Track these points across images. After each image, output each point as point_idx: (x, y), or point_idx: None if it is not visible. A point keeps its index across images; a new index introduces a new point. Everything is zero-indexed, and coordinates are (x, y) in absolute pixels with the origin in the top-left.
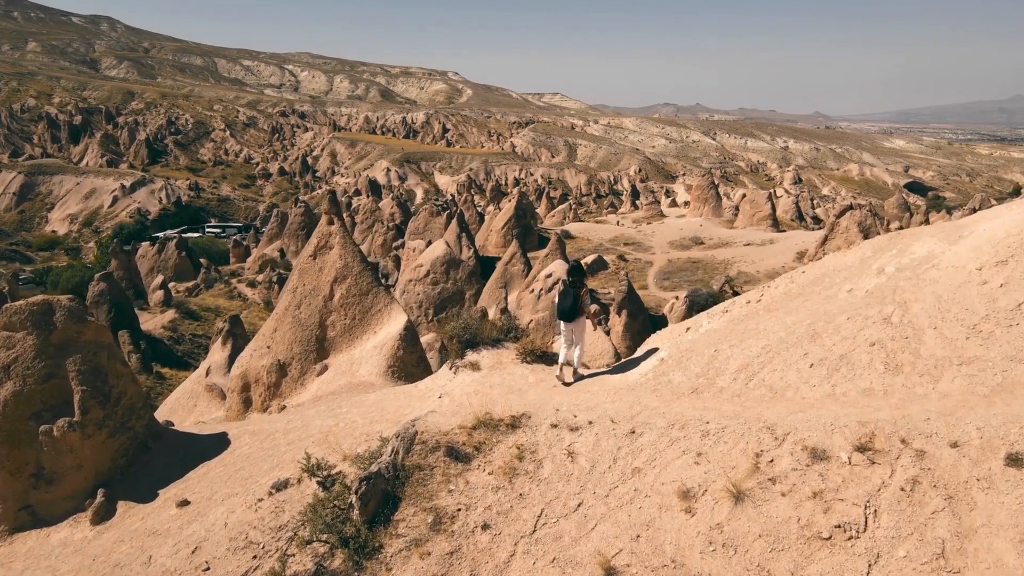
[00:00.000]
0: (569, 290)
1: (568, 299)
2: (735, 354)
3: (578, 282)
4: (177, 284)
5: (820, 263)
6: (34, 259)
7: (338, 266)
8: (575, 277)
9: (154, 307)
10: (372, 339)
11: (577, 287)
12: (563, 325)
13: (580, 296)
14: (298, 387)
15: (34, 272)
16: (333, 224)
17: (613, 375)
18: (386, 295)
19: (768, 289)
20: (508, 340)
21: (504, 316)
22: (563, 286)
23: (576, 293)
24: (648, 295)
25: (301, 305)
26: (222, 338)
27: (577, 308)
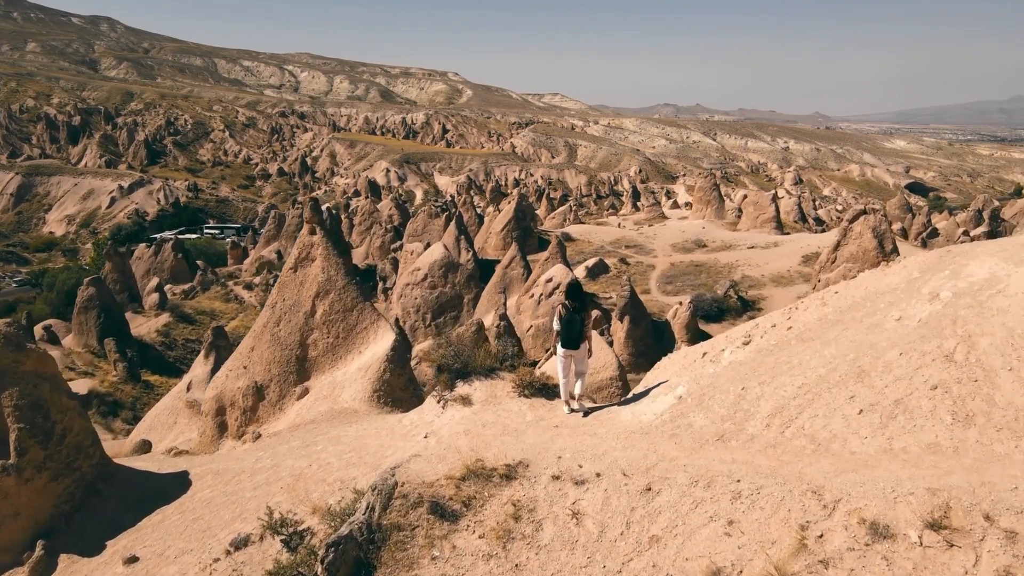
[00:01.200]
0: (574, 316)
1: (575, 327)
2: (767, 393)
3: (582, 306)
4: (173, 286)
5: (857, 283)
6: (31, 260)
7: (320, 280)
8: (578, 301)
9: (149, 310)
10: (357, 360)
11: (581, 311)
12: (562, 352)
13: (585, 322)
14: (276, 412)
15: (30, 274)
16: (315, 234)
17: (622, 412)
18: (372, 311)
19: (797, 312)
20: (504, 369)
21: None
22: (564, 311)
23: (582, 320)
24: (651, 300)
25: (281, 322)
26: (204, 351)
27: (583, 335)
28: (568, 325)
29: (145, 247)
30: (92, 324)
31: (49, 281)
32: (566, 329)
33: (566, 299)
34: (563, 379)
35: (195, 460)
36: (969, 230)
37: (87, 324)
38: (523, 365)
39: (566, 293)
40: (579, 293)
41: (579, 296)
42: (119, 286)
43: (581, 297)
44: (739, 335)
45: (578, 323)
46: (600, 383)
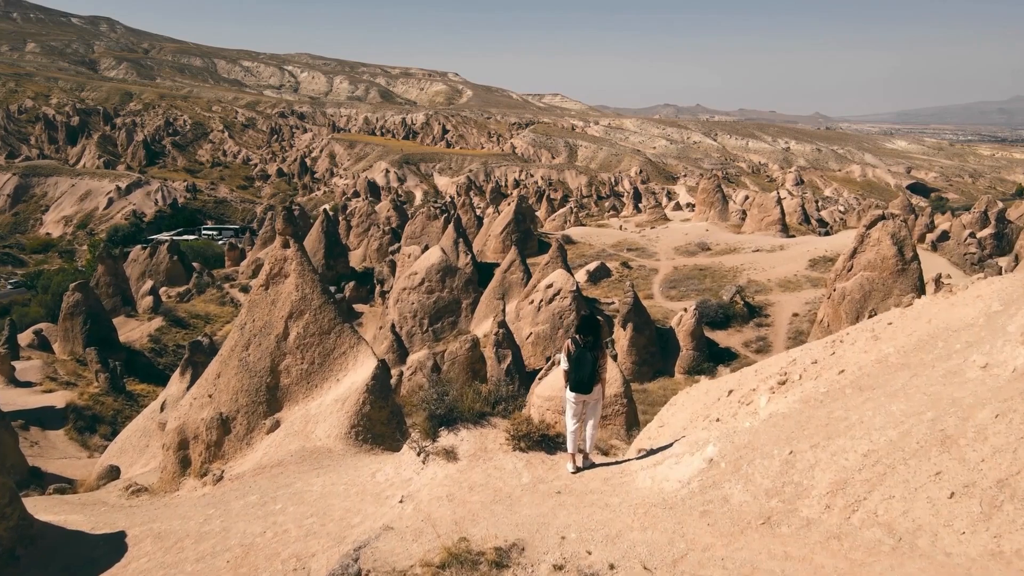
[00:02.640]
0: (586, 355)
1: (586, 367)
2: (822, 461)
3: (595, 343)
4: (169, 289)
5: (916, 314)
6: (27, 262)
7: (294, 298)
8: (591, 336)
9: (142, 314)
10: (334, 389)
11: (595, 348)
12: (571, 397)
13: (600, 362)
14: (243, 447)
15: (25, 276)
16: (289, 247)
17: (639, 474)
18: (352, 334)
19: (843, 348)
20: (496, 415)
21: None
22: (574, 347)
23: (596, 359)
24: (654, 305)
25: (250, 345)
26: (181, 367)
27: (596, 376)
28: (579, 364)
29: (140, 249)
30: (78, 331)
31: (44, 283)
32: (576, 369)
33: (577, 333)
34: (571, 429)
35: (137, 515)
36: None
37: (73, 331)
38: (519, 409)
39: (578, 326)
40: (593, 326)
41: (593, 330)
42: (112, 289)
43: (595, 331)
44: (772, 372)
45: (591, 362)
46: (605, 400)
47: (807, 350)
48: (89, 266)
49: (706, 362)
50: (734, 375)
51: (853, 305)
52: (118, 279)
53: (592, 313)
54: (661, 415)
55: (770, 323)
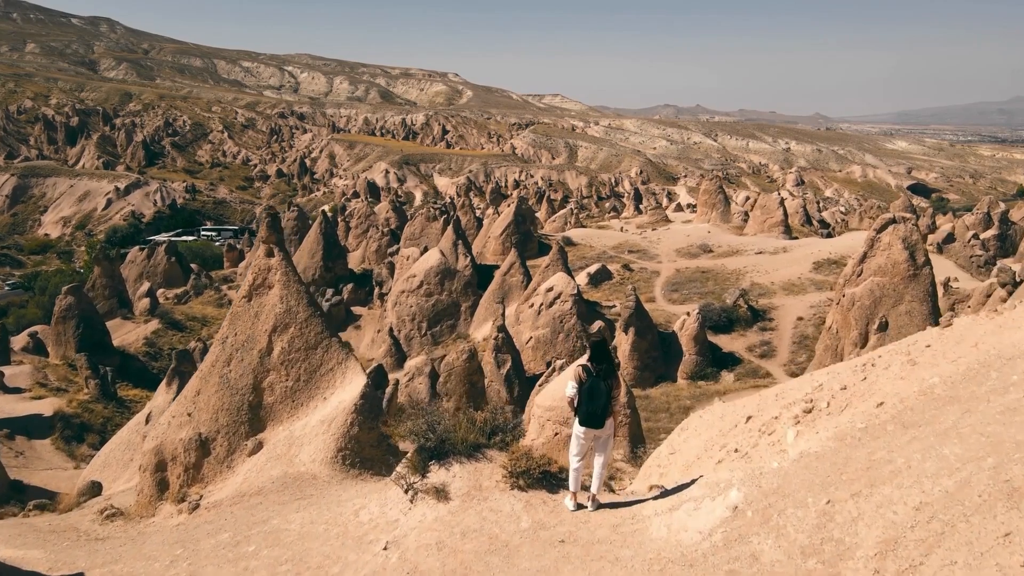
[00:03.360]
0: (600, 385)
1: (599, 399)
2: (866, 514)
3: (609, 370)
4: (166, 290)
5: (960, 336)
6: (25, 263)
7: (278, 311)
8: (603, 364)
9: (139, 316)
10: (320, 408)
11: (609, 376)
12: (580, 431)
13: (614, 392)
14: (224, 469)
15: (23, 277)
16: (273, 256)
17: (653, 521)
18: (340, 349)
19: (876, 372)
20: (492, 447)
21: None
22: (586, 375)
23: (609, 388)
24: (656, 309)
25: (232, 361)
26: (167, 377)
27: (609, 409)
28: (591, 395)
29: (138, 250)
30: (71, 335)
31: (42, 284)
32: (588, 400)
33: (589, 360)
34: (575, 466)
35: (100, 553)
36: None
37: (65, 335)
38: (518, 439)
39: (590, 352)
40: (606, 353)
41: (606, 357)
42: (108, 291)
43: (609, 358)
44: (796, 398)
45: (604, 393)
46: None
47: (834, 373)
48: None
49: (709, 367)
50: (751, 399)
51: (863, 311)
52: (115, 281)
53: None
54: (672, 441)
55: (774, 327)
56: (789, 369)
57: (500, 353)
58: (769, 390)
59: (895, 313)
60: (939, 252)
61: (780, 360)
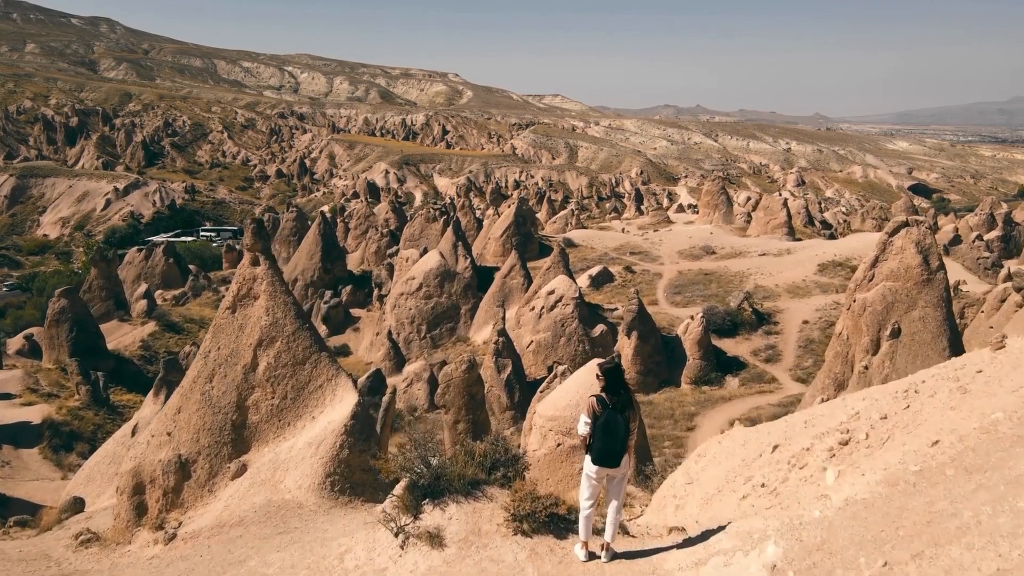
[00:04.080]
0: (617, 419)
1: (617, 435)
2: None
3: (626, 400)
4: (164, 292)
5: (1016, 359)
6: (24, 264)
7: (264, 324)
8: (619, 394)
9: (136, 318)
10: (308, 428)
11: (626, 408)
12: (593, 471)
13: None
14: (205, 494)
15: (21, 278)
16: (259, 265)
17: (678, 573)
18: (329, 364)
19: (920, 401)
20: (493, 484)
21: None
22: (600, 407)
23: (627, 422)
24: (659, 312)
25: (214, 377)
26: (155, 388)
27: (627, 445)
28: (607, 431)
29: (136, 251)
30: (63, 338)
31: (40, 285)
32: (603, 437)
33: (603, 390)
34: (586, 511)
35: None
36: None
37: (58, 338)
38: (521, 475)
39: (604, 381)
40: (622, 381)
41: (623, 385)
42: (105, 293)
43: (626, 387)
44: (829, 426)
45: (622, 427)
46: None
47: (871, 400)
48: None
49: (714, 372)
50: (776, 425)
51: (875, 317)
52: (111, 282)
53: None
54: (688, 468)
55: (779, 331)
56: (795, 374)
57: (500, 358)
58: (796, 416)
59: (908, 319)
60: (946, 254)
61: (785, 365)
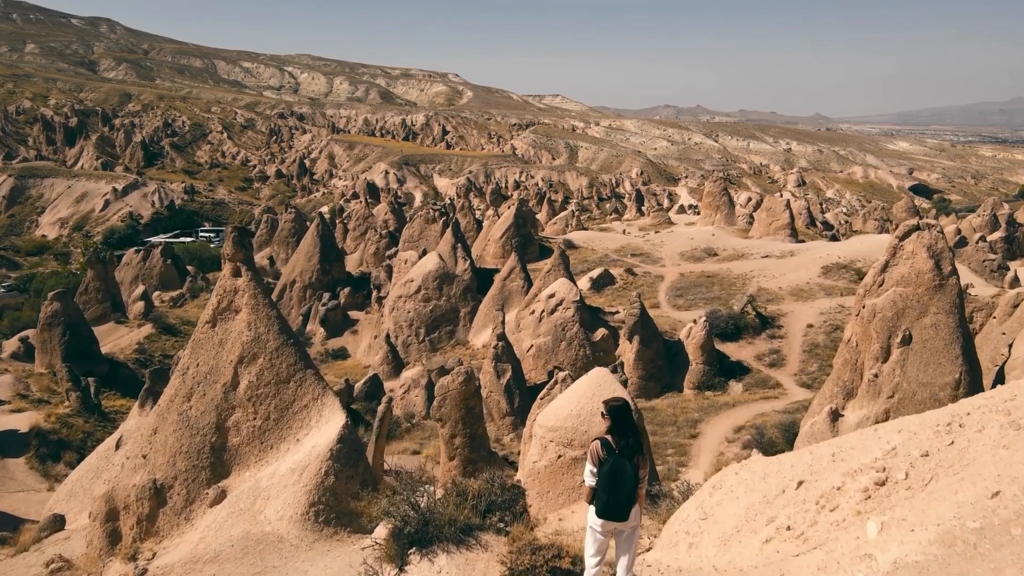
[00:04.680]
0: (625, 466)
1: (625, 485)
2: None
3: (634, 445)
4: (162, 293)
5: None
6: (22, 264)
7: (246, 339)
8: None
9: (133, 320)
10: (292, 452)
11: (634, 453)
12: (598, 524)
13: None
14: (181, 522)
15: (19, 279)
16: (240, 276)
17: None
18: (316, 382)
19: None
20: (489, 530)
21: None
22: (605, 452)
23: (636, 469)
24: (661, 315)
25: (192, 396)
26: (140, 399)
27: (636, 496)
28: (614, 480)
29: (134, 252)
30: (56, 342)
31: (37, 286)
32: (610, 488)
33: (609, 432)
34: (592, 568)
35: None
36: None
37: (51, 342)
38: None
39: (610, 422)
40: (629, 422)
41: (630, 428)
42: (102, 295)
43: (634, 429)
44: (862, 462)
45: (630, 477)
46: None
47: (909, 433)
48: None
49: (717, 377)
50: (801, 456)
51: (885, 324)
52: (108, 284)
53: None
54: (702, 502)
55: (783, 334)
56: (800, 379)
57: (500, 362)
58: (822, 447)
59: (919, 326)
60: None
61: (790, 370)
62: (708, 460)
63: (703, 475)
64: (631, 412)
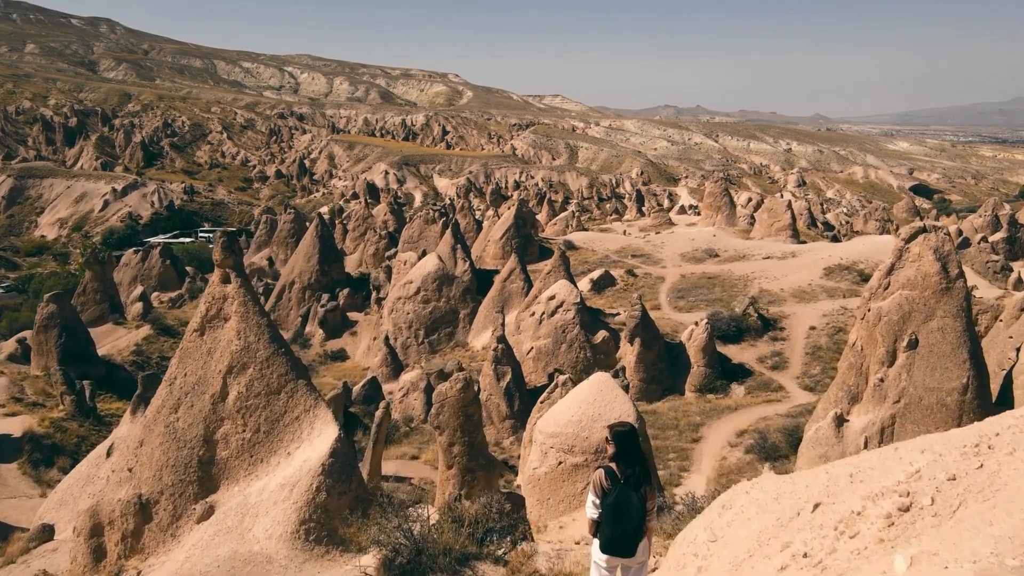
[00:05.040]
0: (631, 497)
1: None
2: None
3: (641, 475)
4: (161, 294)
5: None
6: (21, 265)
7: (235, 348)
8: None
9: (131, 321)
10: (283, 466)
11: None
12: (603, 560)
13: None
14: (167, 539)
15: (17, 279)
16: (229, 283)
17: None
18: (308, 394)
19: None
20: (486, 559)
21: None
22: (609, 483)
23: (643, 501)
24: (662, 317)
25: (180, 407)
26: (132, 405)
27: (643, 530)
28: (619, 513)
29: (132, 253)
30: (52, 345)
31: (36, 287)
32: (614, 520)
33: (614, 459)
34: None
35: None
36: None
37: (47, 344)
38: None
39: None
40: (636, 450)
41: (637, 456)
42: (99, 296)
43: (641, 457)
44: (883, 485)
45: (636, 509)
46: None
47: (934, 454)
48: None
49: (719, 380)
50: (816, 476)
51: (890, 327)
52: (106, 285)
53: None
54: (711, 522)
55: (786, 337)
56: (803, 382)
57: (500, 365)
58: (838, 466)
59: (926, 330)
60: None
61: (792, 372)
62: (710, 464)
63: (705, 480)
64: (638, 438)
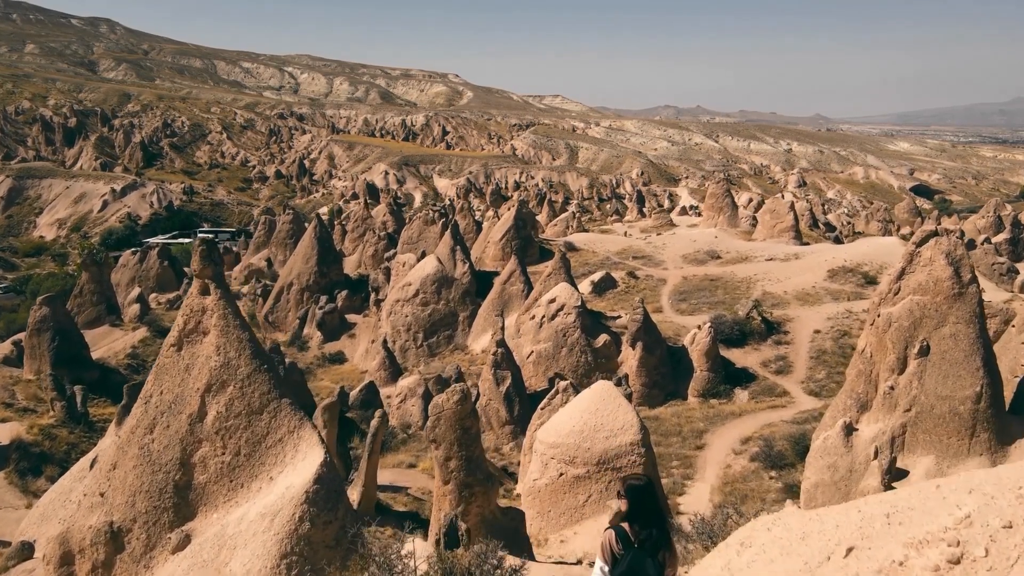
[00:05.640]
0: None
1: None
2: None
3: (660, 538)
4: (159, 295)
5: None
6: (19, 265)
7: (214, 364)
8: (651, 527)
9: (127, 323)
10: (264, 492)
11: (659, 548)
12: None
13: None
14: (140, 570)
15: (15, 280)
16: (208, 295)
17: None
18: (292, 413)
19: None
20: None
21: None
22: (620, 547)
23: (660, 568)
24: (664, 320)
25: (155, 427)
26: (116, 417)
27: None
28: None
29: (130, 254)
30: (45, 348)
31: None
32: None
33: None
34: None
35: None
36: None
37: (40, 348)
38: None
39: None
40: (655, 509)
41: (655, 516)
42: (96, 297)
43: (661, 518)
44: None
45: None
46: (617, 449)
47: (984, 496)
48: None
49: (722, 384)
50: (847, 515)
51: (901, 333)
52: (103, 286)
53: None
54: (728, 560)
55: (789, 340)
56: (807, 387)
57: (499, 369)
58: (871, 503)
59: (937, 336)
60: None
61: (797, 377)
62: (715, 473)
63: (710, 489)
64: (656, 494)
